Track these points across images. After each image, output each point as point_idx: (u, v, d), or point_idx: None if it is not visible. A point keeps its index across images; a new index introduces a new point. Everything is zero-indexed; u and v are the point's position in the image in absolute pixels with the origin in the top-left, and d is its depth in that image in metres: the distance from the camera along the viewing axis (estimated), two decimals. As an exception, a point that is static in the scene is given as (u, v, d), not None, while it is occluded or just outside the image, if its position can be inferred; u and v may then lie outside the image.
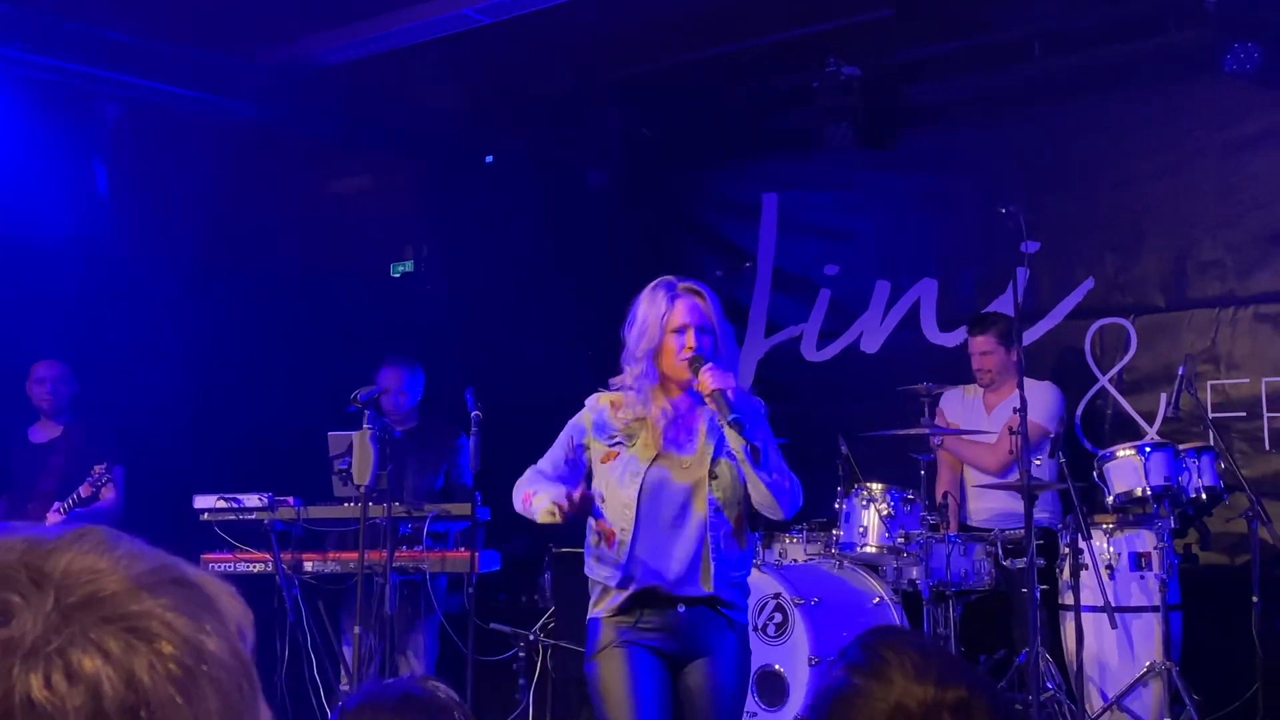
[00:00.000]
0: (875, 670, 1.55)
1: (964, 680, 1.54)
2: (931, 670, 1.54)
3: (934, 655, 1.58)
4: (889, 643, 1.59)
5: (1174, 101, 6.92)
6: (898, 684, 1.53)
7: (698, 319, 3.94)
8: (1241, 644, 5.82)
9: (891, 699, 1.52)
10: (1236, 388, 6.67)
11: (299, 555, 6.04)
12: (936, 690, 1.51)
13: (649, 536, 3.89)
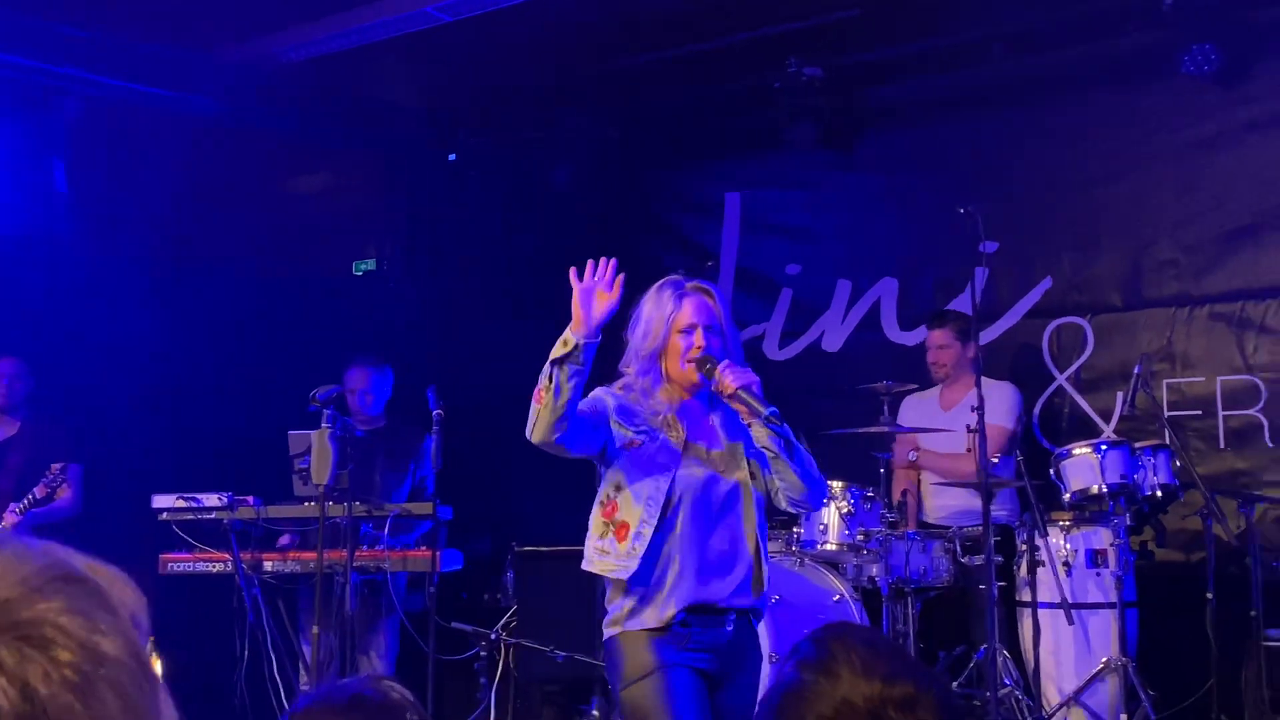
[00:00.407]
0: (824, 666, 1.56)
1: (911, 676, 1.55)
2: (879, 666, 1.54)
3: (883, 651, 1.58)
4: (838, 639, 1.60)
5: (1132, 103, 6.99)
6: (845, 680, 1.53)
7: (706, 318, 3.79)
8: (1196, 640, 5.89)
9: (838, 695, 1.52)
10: (1192, 386, 6.75)
11: (259, 555, 6.02)
12: (883, 686, 1.52)
13: (695, 543, 3.63)
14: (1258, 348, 6.59)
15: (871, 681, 1.52)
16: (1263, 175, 6.59)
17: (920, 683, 1.54)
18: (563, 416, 3.59)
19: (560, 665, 6.22)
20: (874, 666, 1.54)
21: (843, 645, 1.57)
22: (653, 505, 3.63)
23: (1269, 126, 6.59)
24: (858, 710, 1.50)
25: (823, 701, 1.52)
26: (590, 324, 3.64)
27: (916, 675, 1.56)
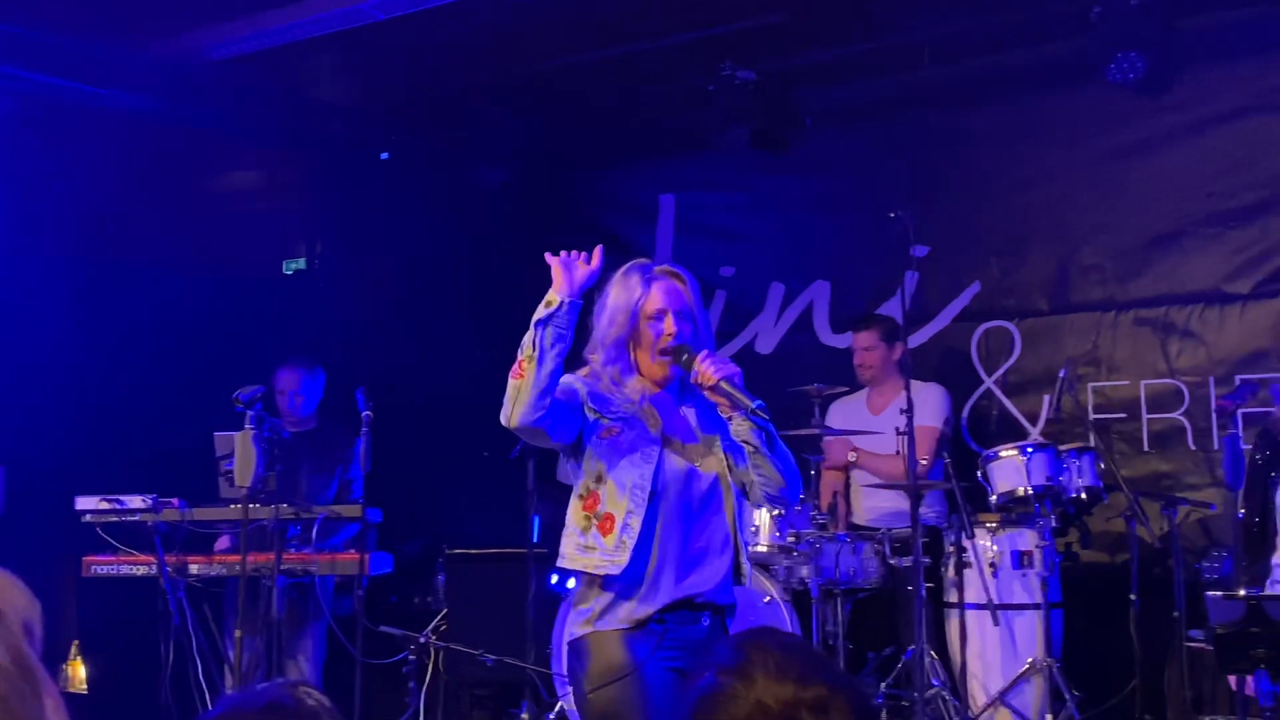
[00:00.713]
0: (739, 669, 1.58)
1: (824, 678, 1.57)
2: (793, 669, 1.57)
3: (797, 654, 1.61)
4: (754, 642, 1.63)
5: (1059, 110, 7.08)
6: (759, 682, 1.55)
7: (677, 303, 3.57)
8: (1120, 641, 5.97)
9: (752, 697, 1.54)
10: (1116, 390, 6.85)
11: (184, 557, 5.95)
12: (796, 688, 1.54)
13: (675, 537, 3.45)
14: (1181, 352, 6.70)
15: (785, 684, 1.54)
16: (1186, 182, 6.70)
17: (833, 685, 1.57)
18: (545, 390, 3.38)
19: (490, 669, 6.20)
20: (788, 669, 1.56)
21: (759, 649, 1.60)
22: (639, 494, 3.44)
23: (1192, 134, 6.70)
24: (771, 712, 1.53)
25: (738, 704, 1.54)
26: (573, 284, 3.48)
27: (830, 677, 1.58)
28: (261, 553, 5.73)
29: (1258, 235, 6.55)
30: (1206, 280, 6.66)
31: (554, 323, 3.42)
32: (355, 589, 5.71)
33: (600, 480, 3.49)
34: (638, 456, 3.47)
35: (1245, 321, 6.56)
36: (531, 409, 3.38)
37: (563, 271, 3.49)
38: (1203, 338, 6.65)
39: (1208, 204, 6.66)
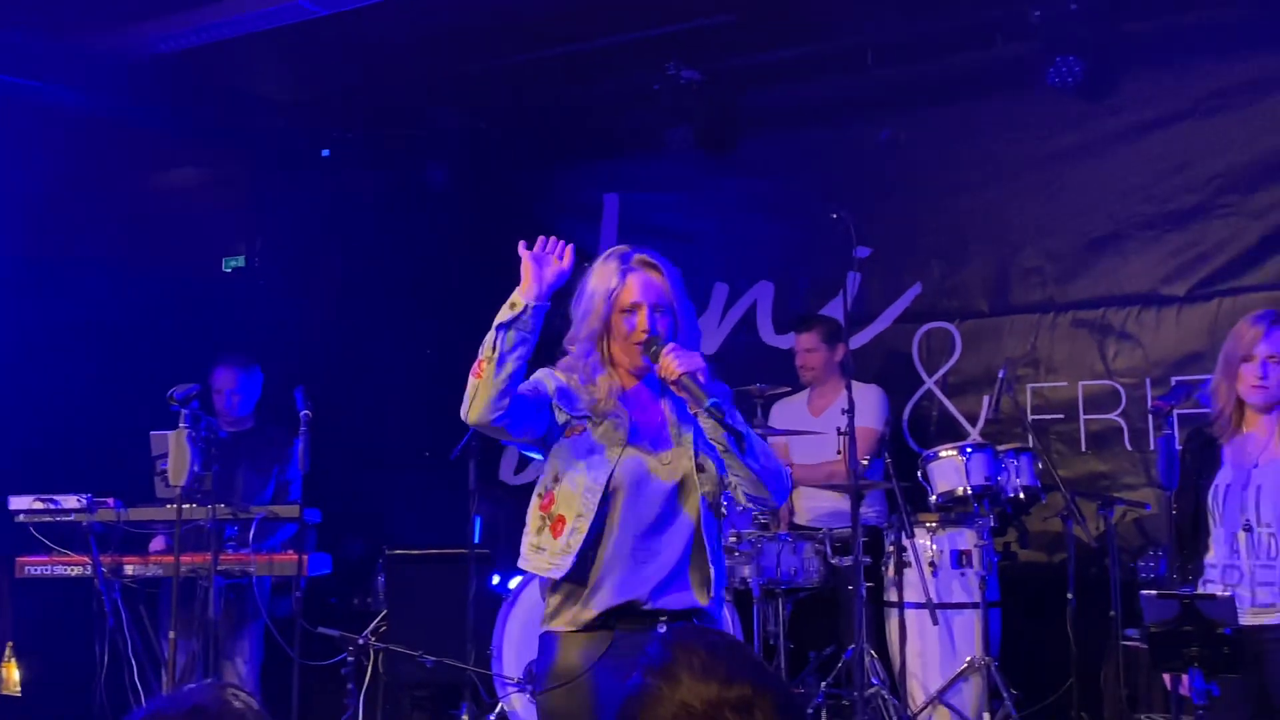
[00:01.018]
0: (665, 670, 1.58)
1: (749, 678, 1.57)
2: (718, 669, 1.56)
3: (723, 654, 1.60)
4: (681, 642, 1.62)
5: (1000, 112, 7.13)
6: (684, 683, 1.55)
7: (653, 296, 3.43)
8: (1057, 640, 6.01)
9: (677, 698, 1.54)
10: (1054, 391, 6.91)
11: (119, 558, 5.87)
12: (720, 688, 1.54)
13: (626, 540, 3.33)
14: (1118, 354, 6.77)
15: (709, 684, 1.54)
16: (1124, 185, 6.77)
17: (759, 684, 1.56)
18: (503, 392, 3.27)
19: (430, 670, 6.16)
20: (713, 669, 1.56)
21: (684, 649, 1.59)
22: (590, 497, 3.32)
23: (1131, 137, 6.77)
24: (695, 713, 1.53)
25: (663, 705, 1.54)
26: (541, 285, 3.33)
27: (755, 677, 1.57)
28: (198, 553, 5.66)
29: (1194, 238, 6.63)
30: (1144, 283, 6.74)
31: (516, 326, 3.29)
32: (294, 590, 5.65)
33: (557, 480, 3.40)
34: (596, 457, 3.36)
35: (1181, 324, 6.64)
36: (489, 409, 3.29)
37: (532, 268, 3.34)
38: (1139, 339, 6.73)
39: (1146, 207, 6.73)
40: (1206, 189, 6.60)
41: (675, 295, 3.45)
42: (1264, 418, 4.07)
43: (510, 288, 3.41)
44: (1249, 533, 4.00)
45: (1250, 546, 4.00)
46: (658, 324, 3.40)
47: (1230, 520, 4.05)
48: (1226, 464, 4.09)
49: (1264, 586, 3.98)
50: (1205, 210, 6.60)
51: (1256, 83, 6.49)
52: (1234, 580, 4.02)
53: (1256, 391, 4.03)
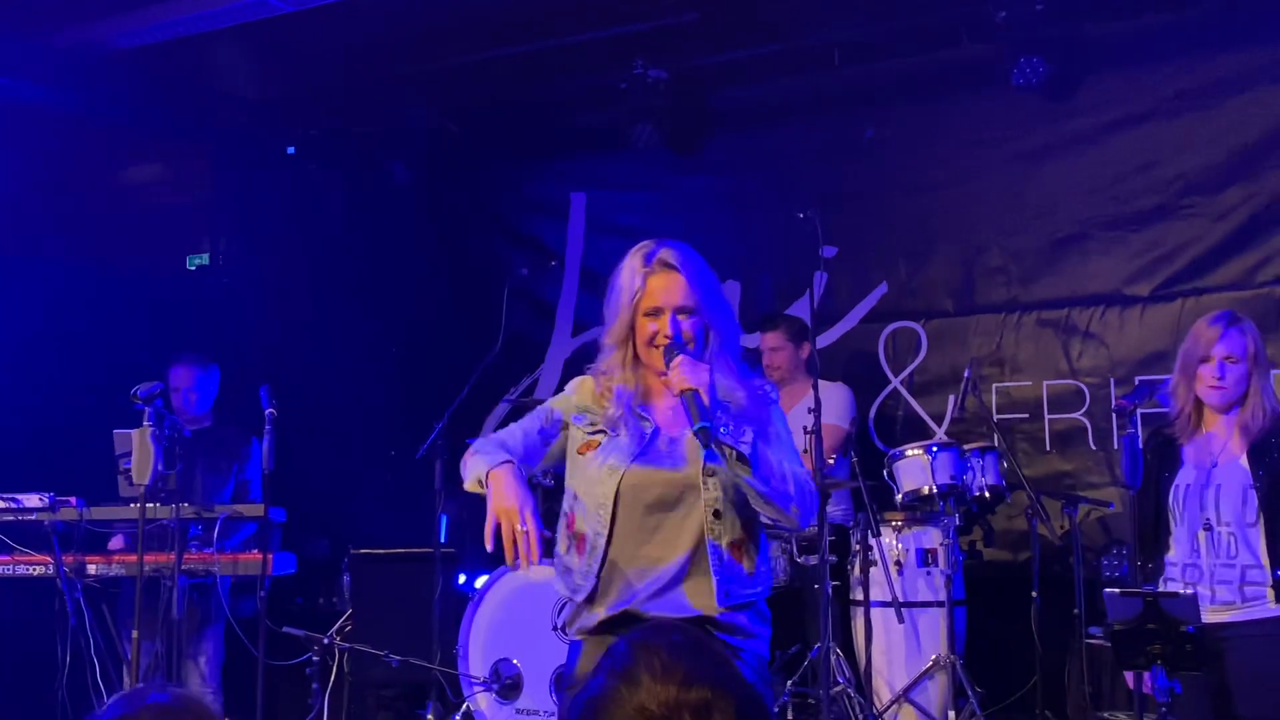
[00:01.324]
0: (624, 672, 1.56)
1: (709, 680, 1.55)
2: (677, 671, 1.54)
3: (685, 655, 1.58)
4: (642, 643, 1.60)
5: (965, 112, 7.16)
6: (644, 685, 1.53)
7: (675, 299, 3.28)
8: (1022, 638, 6.04)
9: (635, 701, 1.52)
10: (1019, 390, 6.95)
11: (81, 557, 5.82)
12: (679, 690, 1.52)
13: (627, 547, 3.25)
14: (1082, 353, 6.81)
15: (668, 686, 1.52)
16: (1088, 186, 6.81)
17: (720, 686, 1.54)
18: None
19: (395, 670, 6.14)
20: (673, 671, 1.54)
21: (647, 650, 1.57)
22: (603, 514, 3.26)
23: (1094, 138, 6.81)
24: (651, 716, 1.51)
25: (620, 708, 1.52)
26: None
27: (716, 679, 1.55)
28: (161, 553, 5.62)
29: (1157, 239, 6.67)
30: (1108, 283, 6.78)
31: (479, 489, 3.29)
32: (258, 589, 5.62)
33: (576, 498, 3.35)
34: (606, 470, 3.28)
35: (1145, 323, 6.69)
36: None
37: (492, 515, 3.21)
38: (1103, 339, 6.77)
39: (1110, 208, 6.77)
40: (1169, 190, 6.64)
41: (700, 294, 3.30)
42: (1223, 417, 4.10)
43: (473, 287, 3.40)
44: (1209, 532, 4.04)
45: (1210, 545, 4.03)
46: (681, 328, 3.27)
47: (1191, 519, 4.08)
48: (1187, 464, 4.12)
49: (1224, 585, 4.01)
50: (1168, 211, 6.65)
51: (1219, 84, 6.54)
52: (1195, 579, 4.05)
53: (1214, 392, 4.07)
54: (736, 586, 3.21)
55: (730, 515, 3.24)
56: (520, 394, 8.06)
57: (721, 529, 3.22)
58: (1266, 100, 6.44)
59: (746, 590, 3.24)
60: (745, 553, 3.26)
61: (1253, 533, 3.98)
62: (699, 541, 3.22)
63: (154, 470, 5.10)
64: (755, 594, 3.26)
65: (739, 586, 3.22)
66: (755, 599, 3.26)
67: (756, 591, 3.27)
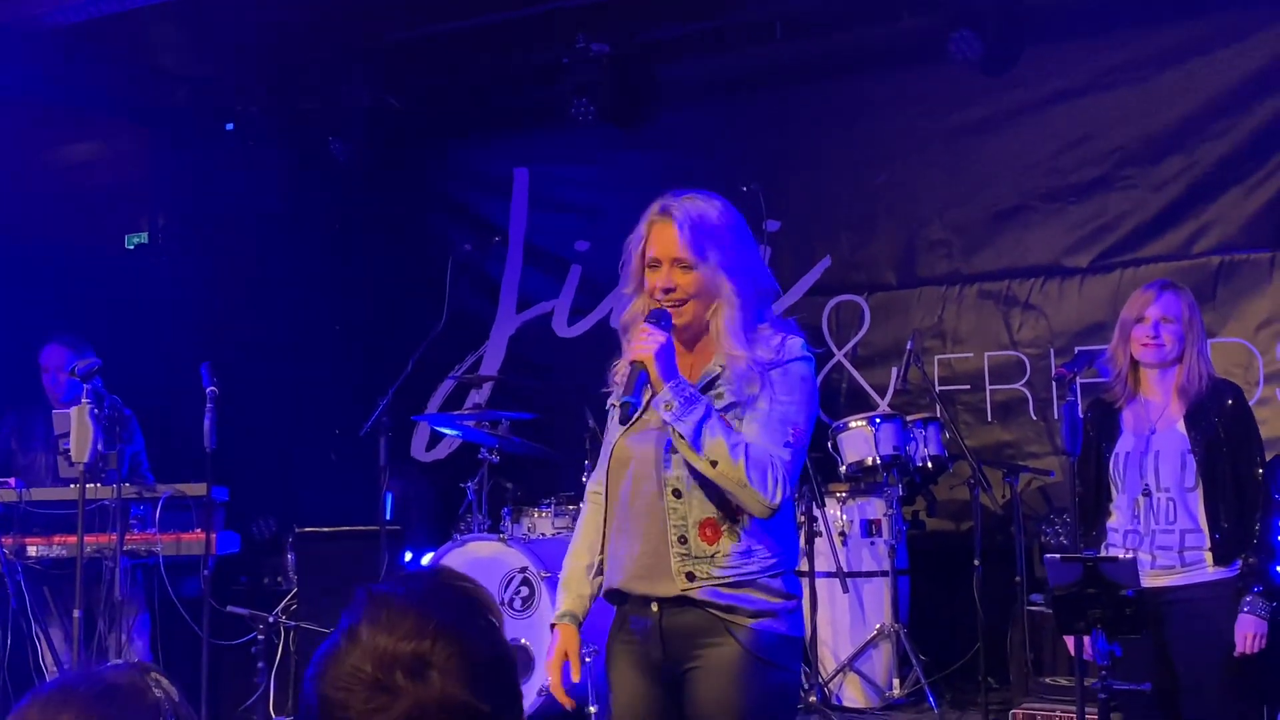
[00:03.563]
0: (349, 628, 1.45)
1: (434, 633, 1.43)
2: (401, 623, 1.43)
3: (415, 605, 1.46)
4: (378, 594, 1.49)
5: (906, 86, 7.20)
6: (361, 641, 1.43)
7: (672, 250, 3.08)
8: (965, 606, 6.11)
9: (350, 660, 1.42)
10: (961, 362, 7.01)
11: (21, 539, 5.75)
12: (395, 643, 1.42)
13: (617, 521, 3.12)
14: (1022, 325, 6.88)
15: (386, 640, 1.42)
16: (1027, 158, 6.87)
17: (443, 639, 1.43)
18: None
19: (342, 647, 6.10)
20: (396, 624, 1.43)
21: (376, 601, 1.46)
22: (600, 472, 3.20)
23: (1032, 111, 6.86)
24: (364, 676, 1.41)
25: (338, 667, 1.43)
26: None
27: (441, 631, 1.44)
28: (101, 533, 5.55)
29: (1096, 211, 6.74)
30: (1047, 254, 6.85)
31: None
32: (202, 569, 5.57)
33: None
34: (611, 436, 3.18)
35: (1084, 295, 6.76)
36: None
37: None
38: (1043, 310, 6.84)
39: (1049, 180, 6.83)
40: (1107, 162, 6.71)
41: (697, 247, 3.06)
42: (1159, 382, 4.15)
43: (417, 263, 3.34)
44: (1148, 497, 4.09)
45: (1149, 511, 4.09)
46: (677, 283, 3.06)
47: (1131, 486, 4.13)
48: (1126, 431, 4.17)
49: (1163, 550, 4.07)
50: (1106, 183, 6.72)
51: (1155, 57, 6.61)
52: (1135, 544, 4.11)
53: (1148, 349, 4.11)
54: (707, 566, 2.97)
55: (698, 494, 3.00)
56: (465, 371, 8.04)
57: (685, 508, 3.00)
58: (1202, 72, 6.51)
59: (732, 570, 2.97)
60: (725, 530, 2.99)
61: (1191, 497, 4.04)
62: (664, 518, 3.03)
63: (93, 449, 5.03)
64: (753, 571, 2.99)
65: (711, 566, 2.97)
66: (755, 576, 2.99)
67: (755, 569, 2.99)
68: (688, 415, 2.93)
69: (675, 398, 2.94)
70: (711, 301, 3.09)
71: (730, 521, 3.00)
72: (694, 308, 3.09)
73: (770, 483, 2.94)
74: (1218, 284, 6.44)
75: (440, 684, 1.41)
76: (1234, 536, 4.00)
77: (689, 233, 3.07)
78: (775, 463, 2.96)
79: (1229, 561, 4.00)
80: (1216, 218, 6.50)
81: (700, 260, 3.06)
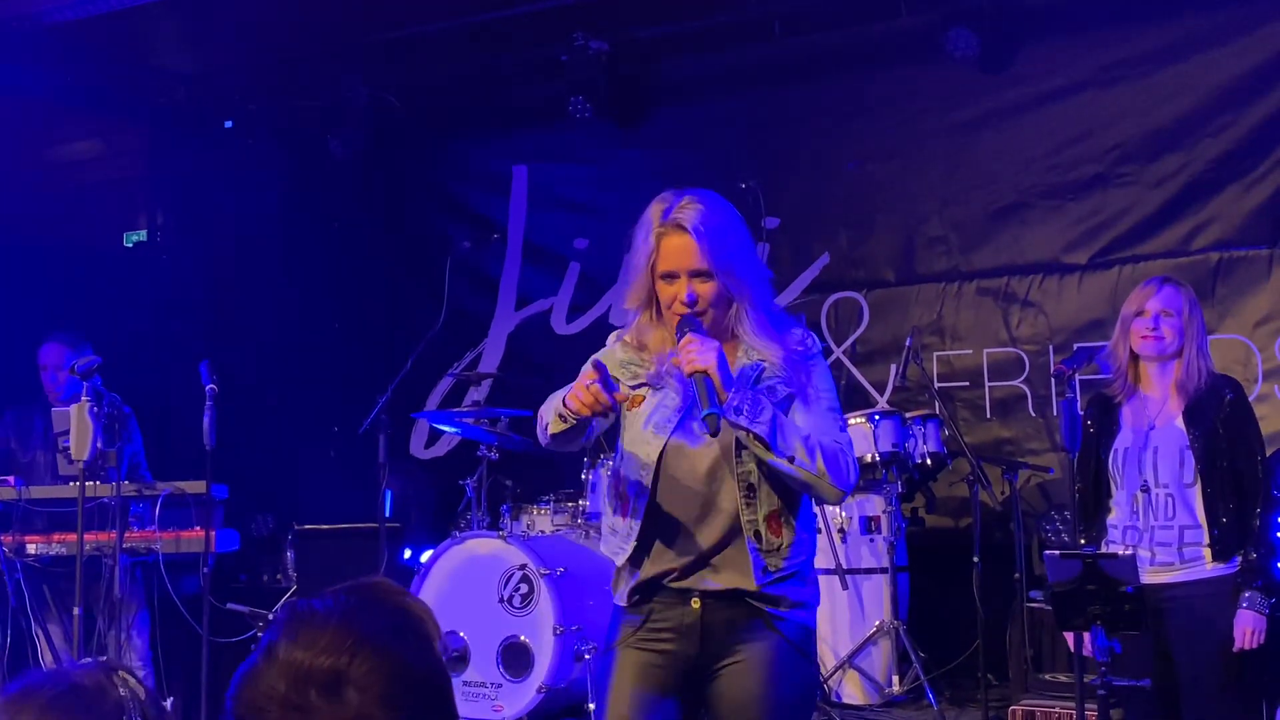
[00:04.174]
0: (269, 647, 1.42)
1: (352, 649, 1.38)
2: (319, 639, 1.39)
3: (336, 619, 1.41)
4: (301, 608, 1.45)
5: (905, 83, 7.19)
6: (278, 660, 1.39)
7: (691, 262, 3.05)
8: (964, 603, 6.10)
9: (267, 680, 1.38)
10: (960, 359, 7.01)
11: (20, 537, 5.75)
12: (310, 659, 1.37)
13: (666, 516, 3.11)
14: (1021, 321, 6.88)
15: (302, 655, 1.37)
16: (1025, 155, 6.87)
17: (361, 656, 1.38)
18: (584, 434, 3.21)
19: (342, 644, 6.11)
20: (314, 639, 1.38)
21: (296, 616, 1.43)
22: (645, 475, 3.11)
23: (1031, 108, 6.86)
24: (276, 694, 1.36)
25: (254, 687, 1.39)
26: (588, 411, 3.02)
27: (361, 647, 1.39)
28: (101, 531, 5.55)
29: (1095, 208, 6.74)
30: (1046, 251, 6.85)
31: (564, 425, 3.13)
32: (201, 566, 5.57)
33: (623, 458, 3.20)
34: (650, 430, 3.13)
35: (1083, 291, 6.76)
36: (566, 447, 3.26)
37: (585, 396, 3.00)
38: (1042, 307, 6.84)
39: (1048, 177, 6.83)
40: (1106, 158, 6.71)
41: (715, 256, 3.04)
42: (1159, 376, 4.15)
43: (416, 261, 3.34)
44: (1146, 494, 4.09)
45: (1148, 506, 4.09)
46: (697, 295, 3.05)
47: (1130, 482, 4.13)
48: (1125, 427, 4.17)
49: (1162, 546, 4.07)
50: (1105, 179, 6.72)
51: (1153, 53, 6.61)
52: (1134, 540, 4.11)
53: (1148, 342, 4.11)
54: (776, 559, 3.05)
55: (765, 488, 3.06)
56: (464, 368, 8.04)
57: (757, 504, 3.05)
58: (1201, 69, 6.51)
59: (788, 561, 3.07)
60: (785, 523, 3.08)
61: (1190, 493, 4.04)
62: (735, 517, 3.06)
63: (92, 446, 5.03)
64: (799, 563, 3.09)
65: (779, 559, 3.05)
66: (799, 568, 3.09)
67: (800, 561, 3.10)
68: (760, 417, 2.98)
69: (743, 402, 2.98)
70: (730, 306, 3.11)
71: (790, 514, 3.09)
72: (713, 314, 3.11)
73: (845, 470, 3.05)
74: (1216, 281, 6.45)
75: (356, 703, 1.36)
76: (1233, 532, 4.00)
77: (706, 243, 3.05)
78: (843, 450, 3.07)
79: (1228, 557, 4.01)
80: (1215, 214, 6.50)
81: (719, 269, 3.05)
